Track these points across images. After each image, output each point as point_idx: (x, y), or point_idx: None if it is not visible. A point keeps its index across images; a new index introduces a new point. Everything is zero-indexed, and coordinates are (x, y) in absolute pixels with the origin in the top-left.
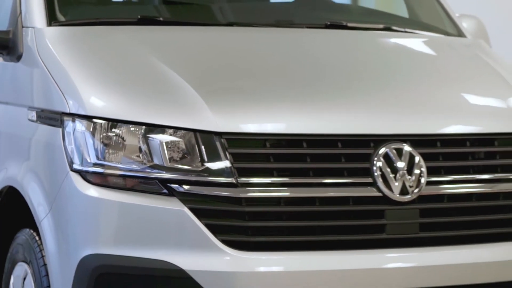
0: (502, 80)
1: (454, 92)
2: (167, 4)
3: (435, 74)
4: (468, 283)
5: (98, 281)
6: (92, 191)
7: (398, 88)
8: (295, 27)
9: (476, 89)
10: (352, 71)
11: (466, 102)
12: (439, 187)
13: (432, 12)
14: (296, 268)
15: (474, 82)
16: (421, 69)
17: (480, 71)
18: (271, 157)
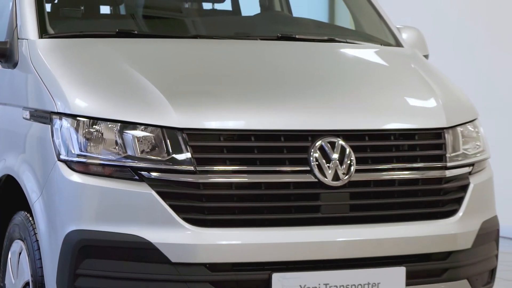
0: (425, 85)
1: (383, 94)
2: (142, 19)
3: (368, 79)
4: (390, 254)
5: (81, 252)
6: (76, 177)
7: (334, 90)
8: (250, 39)
9: (402, 92)
10: (296, 76)
11: (392, 103)
12: (366, 174)
13: (375, 25)
14: (245, 241)
15: (401, 86)
16: (356, 74)
17: (407, 76)
18: (225, 149)
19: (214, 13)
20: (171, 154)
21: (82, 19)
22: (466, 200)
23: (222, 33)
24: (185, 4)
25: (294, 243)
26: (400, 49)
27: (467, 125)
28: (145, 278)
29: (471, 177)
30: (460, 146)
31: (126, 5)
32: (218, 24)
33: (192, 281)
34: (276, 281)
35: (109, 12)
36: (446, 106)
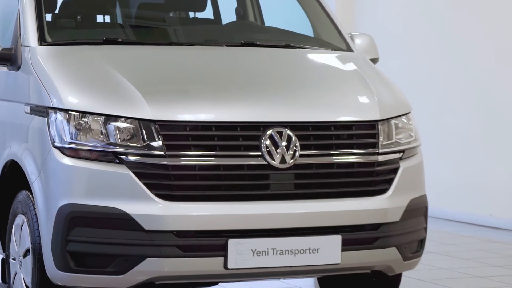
0: (364, 84)
1: (326, 92)
2: (128, 28)
3: (314, 79)
4: (328, 225)
5: (71, 222)
6: (67, 161)
7: (284, 88)
8: (218, 45)
9: (343, 90)
10: (253, 77)
11: (333, 99)
12: (309, 158)
13: (329, 32)
14: (206, 213)
15: (343, 85)
16: (305, 75)
17: (349, 77)
18: (190, 137)
19: (194, 22)
20: (146, 141)
21: (75, 29)
22: (395, 181)
23: (194, 40)
24: (169, 13)
25: (247, 214)
26: (348, 53)
27: (402, 117)
28: (123, 243)
29: (402, 161)
30: (393, 135)
31: (115, 15)
32: (192, 33)
33: (162, 245)
34: (231, 246)
35: (102, 21)
36: (381, 102)
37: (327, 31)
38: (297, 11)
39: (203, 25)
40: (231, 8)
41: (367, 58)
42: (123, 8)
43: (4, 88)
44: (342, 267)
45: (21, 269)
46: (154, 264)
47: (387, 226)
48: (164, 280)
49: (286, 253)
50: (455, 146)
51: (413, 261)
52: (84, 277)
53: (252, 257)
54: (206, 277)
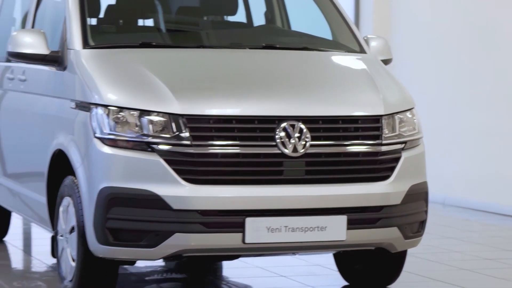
0: (371, 83)
1: (335, 89)
2: (162, 32)
3: (326, 78)
4: (335, 206)
5: (110, 202)
6: (106, 149)
7: (298, 86)
8: (242, 47)
9: (351, 88)
10: (270, 76)
11: (342, 96)
12: (319, 148)
13: (345, 35)
14: (227, 195)
15: (351, 83)
16: (318, 74)
17: (358, 76)
18: (213, 129)
19: (225, 25)
20: (175, 133)
21: (115, 33)
22: (397, 169)
23: (221, 43)
24: (203, 17)
25: (263, 196)
26: (361, 55)
27: (406, 113)
28: (154, 220)
29: (404, 152)
30: (397, 128)
31: (156, 20)
32: (219, 36)
33: (188, 222)
34: (248, 223)
35: (141, 25)
36: (385, 99)
37: (344, 35)
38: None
39: (230, 29)
40: (262, 11)
41: (378, 59)
42: (160, 14)
43: (53, 86)
44: (347, 244)
45: (68, 244)
46: (181, 238)
47: (388, 208)
48: (190, 252)
49: (297, 230)
50: (479, 138)
51: (414, 240)
52: (120, 250)
53: (266, 233)
54: (226, 250)
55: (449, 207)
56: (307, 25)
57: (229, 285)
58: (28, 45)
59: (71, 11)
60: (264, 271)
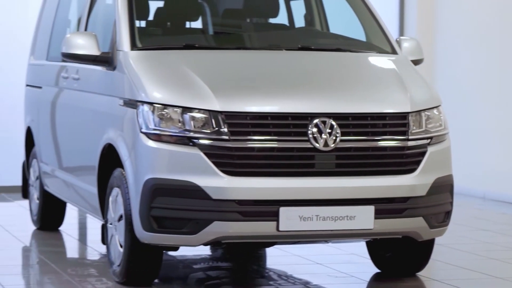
0: (399, 82)
1: (365, 88)
2: (203, 35)
3: (356, 77)
4: (363, 197)
5: (154, 192)
6: (151, 143)
7: (330, 85)
8: (279, 49)
9: (380, 87)
10: (304, 75)
11: (371, 94)
12: (348, 143)
13: (378, 37)
14: (262, 186)
15: (380, 82)
16: (349, 74)
17: (387, 76)
18: (250, 125)
19: (266, 27)
20: (214, 128)
21: (161, 35)
22: (423, 162)
23: (259, 45)
24: (246, 19)
25: (296, 187)
26: (392, 55)
27: (434, 110)
28: (195, 209)
29: (430, 146)
30: (424, 124)
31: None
32: (258, 38)
33: (226, 211)
34: (282, 212)
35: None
36: (412, 97)
37: (377, 36)
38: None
39: (269, 31)
40: (302, 13)
41: (408, 60)
42: (204, 16)
43: (103, 85)
44: (374, 232)
45: (116, 231)
46: (220, 226)
47: (414, 199)
48: (228, 239)
49: (327, 219)
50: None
51: (439, 229)
52: (164, 237)
53: (299, 222)
54: (261, 237)
55: (489, 201)
56: (344, 27)
57: (270, 272)
58: (81, 47)
59: (120, 14)
60: (302, 259)
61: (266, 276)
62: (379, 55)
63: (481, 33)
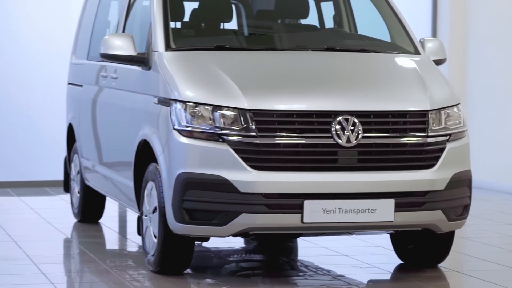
0: (420, 81)
1: (387, 87)
2: (233, 36)
3: (379, 77)
4: (384, 191)
5: (186, 185)
6: (183, 139)
7: (353, 84)
8: (305, 50)
9: (401, 86)
10: (329, 75)
11: (392, 93)
12: (370, 139)
13: (402, 38)
14: (288, 180)
15: (402, 81)
16: (371, 74)
17: (409, 75)
18: (276, 123)
19: (297, 28)
20: (243, 125)
21: (194, 37)
22: (441, 158)
23: (287, 46)
24: (276, 21)
25: (320, 181)
26: (414, 56)
27: (453, 108)
28: (224, 202)
29: (449, 143)
30: (443, 122)
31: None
32: (287, 40)
33: (253, 204)
34: (306, 205)
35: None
36: (432, 96)
37: (401, 37)
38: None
39: (297, 32)
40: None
41: (430, 60)
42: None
43: (139, 84)
44: (395, 224)
45: (151, 223)
46: (247, 218)
47: (433, 193)
48: (255, 231)
49: (349, 212)
50: None
51: (458, 222)
52: (195, 228)
53: (322, 214)
54: (287, 229)
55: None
56: (370, 27)
57: (298, 263)
58: (118, 47)
59: (156, 16)
60: (329, 251)
61: (295, 267)
62: (402, 55)
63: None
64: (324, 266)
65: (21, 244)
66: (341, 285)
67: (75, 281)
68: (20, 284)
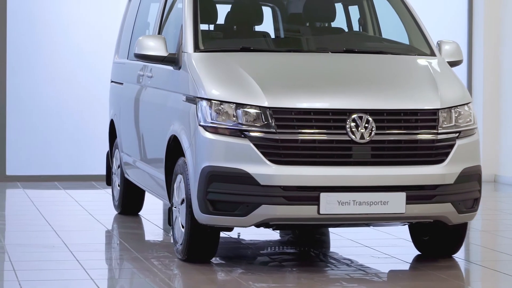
0: (432, 81)
1: (400, 87)
2: (259, 38)
3: (393, 77)
4: (396, 184)
5: (210, 178)
6: (209, 135)
7: (368, 84)
8: (326, 51)
9: (414, 85)
10: (345, 75)
11: (404, 92)
12: (383, 136)
13: (419, 40)
14: (305, 173)
15: (415, 82)
16: (387, 74)
17: (422, 76)
18: (294, 120)
19: (322, 31)
20: (264, 122)
21: (222, 39)
22: (451, 154)
23: (308, 48)
24: (305, 24)
25: (335, 175)
26: (430, 57)
27: (464, 106)
28: (246, 194)
29: (458, 139)
30: (453, 120)
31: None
32: (308, 42)
33: (273, 196)
34: (322, 197)
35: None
36: (443, 95)
37: (418, 40)
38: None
39: (320, 35)
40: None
41: (444, 61)
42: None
43: (170, 82)
44: (406, 216)
45: (179, 214)
46: (267, 209)
47: (443, 187)
48: (275, 221)
49: (363, 204)
50: None
51: (468, 214)
52: (218, 218)
53: (337, 206)
54: (304, 220)
55: None
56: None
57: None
58: (151, 48)
59: (186, 19)
60: (352, 242)
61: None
62: (418, 57)
63: None
64: (345, 255)
65: (61, 233)
66: (363, 275)
67: (105, 268)
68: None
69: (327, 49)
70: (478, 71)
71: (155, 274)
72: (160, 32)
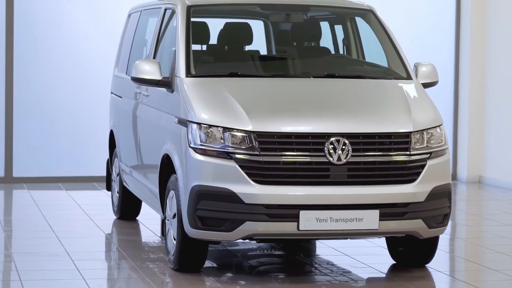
0: (406, 105)
1: (374, 111)
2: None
3: (369, 102)
4: (370, 202)
5: (199, 196)
6: (198, 156)
7: (344, 109)
8: (307, 77)
9: (388, 109)
10: (324, 101)
11: (379, 116)
12: (358, 157)
13: (397, 63)
14: (286, 193)
15: (389, 105)
16: (362, 99)
17: (396, 99)
18: (276, 143)
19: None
20: (248, 145)
21: (211, 63)
22: (422, 173)
23: (291, 73)
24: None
25: (314, 194)
26: (405, 81)
27: (436, 128)
28: (231, 211)
29: (429, 160)
30: (425, 141)
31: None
32: (291, 67)
33: (256, 213)
34: (302, 215)
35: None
36: (415, 119)
37: (395, 63)
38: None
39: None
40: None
41: (419, 84)
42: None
43: (164, 104)
44: (380, 232)
45: (171, 226)
46: (251, 225)
47: (414, 205)
48: (258, 236)
49: (339, 221)
50: None
51: (438, 229)
52: (206, 233)
53: (316, 223)
54: (285, 235)
55: None
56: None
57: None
58: (146, 72)
59: (179, 44)
60: (334, 251)
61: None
62: (395, 81)
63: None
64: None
65: (63, 240)
66: (345, 280)
67: (103, 277)
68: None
69: (309, 74)
70: (464, 75)
71: (148, 284)
72: (156, 49)
